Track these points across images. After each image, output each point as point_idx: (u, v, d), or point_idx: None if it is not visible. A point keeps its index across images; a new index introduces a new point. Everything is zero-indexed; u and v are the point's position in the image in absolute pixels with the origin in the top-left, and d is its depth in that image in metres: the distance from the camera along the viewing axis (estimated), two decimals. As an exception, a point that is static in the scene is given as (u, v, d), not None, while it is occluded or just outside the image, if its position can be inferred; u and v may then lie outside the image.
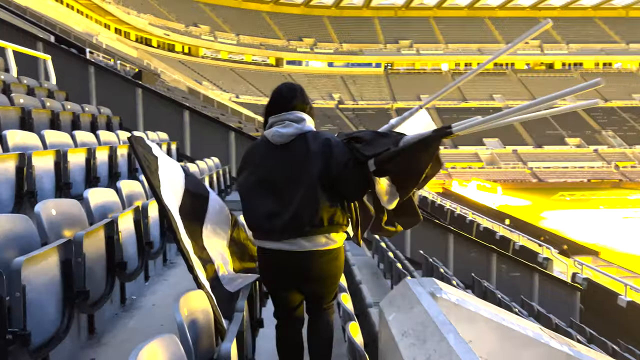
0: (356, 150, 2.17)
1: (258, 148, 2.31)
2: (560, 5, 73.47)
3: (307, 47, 68.88)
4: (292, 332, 2.36)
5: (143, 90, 7.84)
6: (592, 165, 52.37)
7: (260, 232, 2.24)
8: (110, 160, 4.14)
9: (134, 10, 52.57)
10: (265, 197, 2.19)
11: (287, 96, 2.30)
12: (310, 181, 2.13)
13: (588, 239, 25.72)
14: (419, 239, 7.94)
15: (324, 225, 2.14)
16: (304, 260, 2.16)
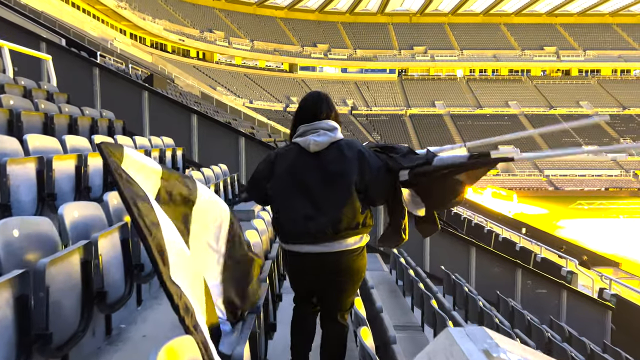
0: (392, 159, 2.32)
1: (290, 154, 2.36)
2: (577, 11, 72.56)
3: (321, 53, 68.81)
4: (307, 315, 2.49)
5: (150, 93, 7.54)
6: (610, 173, 51.38)
7: (293, 235, 2.31)
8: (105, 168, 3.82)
9: (150, 16, 52.95)
10: (300, 201, 2.27)
11: (317, 105, 2.40)
12: (348, 187, 2.25)
13: (607, 250, 25.00)
14: (439, 252, 7.53)
15: (358, 227, 2.27)
16: (336, 259, 2.27)
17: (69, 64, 7.38)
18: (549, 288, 7.78)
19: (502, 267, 7.63)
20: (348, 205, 2.25)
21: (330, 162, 2.28)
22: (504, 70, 70.19)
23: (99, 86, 7.34)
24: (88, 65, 7.53)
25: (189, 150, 7.47)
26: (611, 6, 70.69)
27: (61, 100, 5.52)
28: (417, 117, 61.00)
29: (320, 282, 2.36)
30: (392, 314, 3.80)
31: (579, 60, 68.95)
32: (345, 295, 2.43)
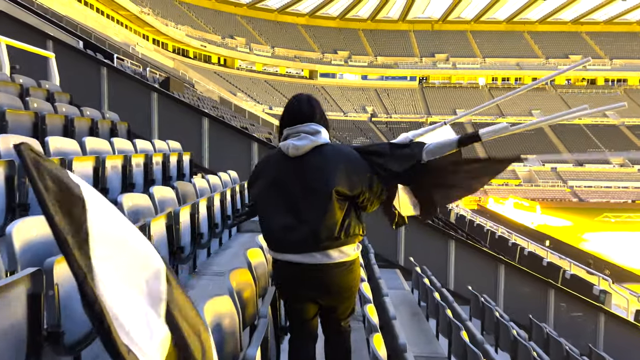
0: (379, 166, 2.16)
1: (273, 160, 2.26)
2: (604, 20, 71.14)
3: (341, 59, 68.67)
4: (305, 346, 2.34)
5: (159, 95, 7.22)
6: (637, 185, 49.90)
7: (276, 245, 2.22)
8: (95, 173, 3.39)
9: (172, 22, 53.48)
10: (280, 210, 2.17)
11: (300, 108, 2.26)
12: (327, 194, 2.10)
13: (635, 264, 24.06)
14: (465, 269, 7.03)
15: (340, 238, 2.13)
16: (319, 273, 2.15)
17: (76, 62, 7.11)
18: (584, 311, 7.20)
19: (533, 287, 7.08)
20: (328, 214, 2.10)
21: (311, 168, 2.14)
22: (527, 79, 69.04)
23: (107, 87, 7.04)
24: (96, 65, 7.23)
25: (198, 155, 7.12)
26: (639, 14, 69.12)
27: (63, 99, 5.26)
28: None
29: (307, 293, 2.24)
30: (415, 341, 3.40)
31: (605, 70, 67.48)
32: (339, 307, 2.28)
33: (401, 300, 4.73)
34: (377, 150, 2.21)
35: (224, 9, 67.19)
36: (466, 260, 7.04)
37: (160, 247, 2.70)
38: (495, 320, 4.47)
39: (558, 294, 7.16)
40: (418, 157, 2.10)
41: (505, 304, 6.93)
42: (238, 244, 4.73)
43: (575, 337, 6.79)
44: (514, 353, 3.98)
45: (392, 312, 2.74)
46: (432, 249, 7.01)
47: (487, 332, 4.87)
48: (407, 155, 2.14)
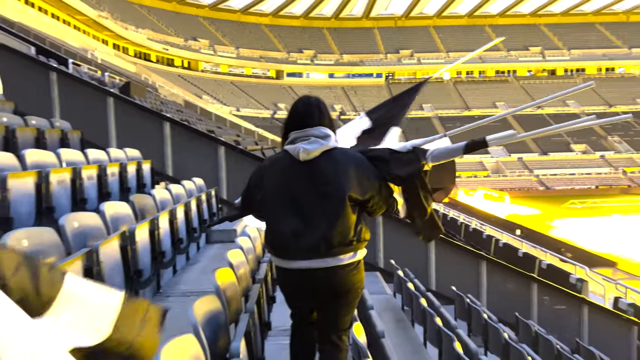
0: (384, 171, 2.18)
1: (279, 163, 2.20)
2: (561, 11, 73.02)
3: (307, 58, 68.44)
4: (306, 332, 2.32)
5: (116, 100, 6.76)
6: (599, 171, 51.42)
7: (284, 252, 2.15)
8: (37, 190, 2.94)
9: (132, 26, 52.14)
10: (290, 215, 2.11)
11: (307, 111, 2.22)
12: (340, 199, 2.08)
13: (602, 249, 24.66)
14: (446, 268, 6.84)
15: (353, 243, 2.11)
16: (329, 276, 2.11)
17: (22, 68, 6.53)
18: (567, 303, 7.13)
19: (516, 282, 6.95)
20: (341, 220, 2.06)
21: (322, 173, 2.10)
22: (490, 71, 70.33)
23: (57, 93, 6.52)
24: (44, 70, 6.65)
25: (161, 162, 6.67)
26: (594, 5, 71.24)
27: (6, 109, 4.76)
28: (405, 121, 60.62)
29: (314, 300, 2.20)
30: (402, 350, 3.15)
31: (564, 60, 69.32)
32: (342, 314, 2.22)
33: (384, 306, 4.49)
34: (378, 155, 2.21)
35: (186, 10, 66.00)
36: (447, 259, 6.86)
37: (114, 274, 2.37)
38: (484, 322, 4.29)
39: (540, 287, 7.06)
40: (422, 162, 2.16)
41: (489, 302, 6.77)
42: (207, 257, 4.39)
43: (560, 330, 6.72)
44: (506, 357, 3.80)
45: (379, 328, 2.49)
46: (412, 248, 6.82)
47: (474, 334, 4.69)
48: (412, 160, 2.17)
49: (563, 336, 6.40)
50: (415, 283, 4.31)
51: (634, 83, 66.40)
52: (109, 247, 2.36)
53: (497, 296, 6.87)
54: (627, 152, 53.89)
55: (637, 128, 57.60)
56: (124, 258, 2.51)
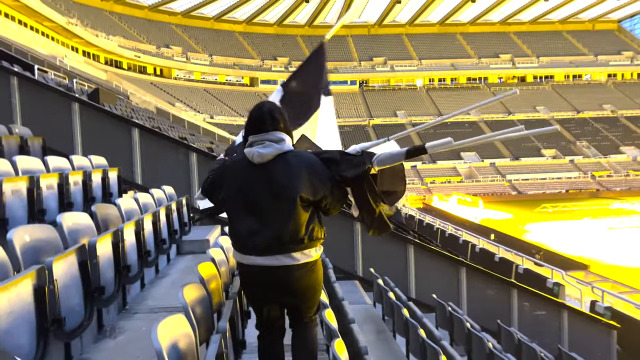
0: (335, 172, 2.29)
1: (237, 166, 2.31)
2: (529, 20, 74.86)
3: (281, 66, 68.35)
4: (273, 342, 2.41)
5: (81, 106, 6.44)
6: (569, 175, 52.52)
7: (242, 248, 2.27)
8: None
9: (103, 33, 51.18)
10: (245, 215, 2.23)
11: (265, 116, 2.30)
12: (291, 200, 2.19)
13: (575, 252, 25.07)
14: (425, 274, 6.72)
15: (304, 242, 2.22)
16: (284, 275, 2.22)
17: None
18: (547, 308, 7.09)
19: (496, 288, 6.87)
20: (292, 219, 2.20)
21: (276, 175, 2.22)
22: (462, 78, 71.47)
23: (19, 99, 6.16)
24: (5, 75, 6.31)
25: (129, 170, 6.37)
26: (560, 14, 73.26)
27: (-40, 115, 4.51)
28: (380, 127, 61.10)
29: (272, 298, 2.31)
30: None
31: (533, 67, 70.95)
32: (304, 308, 2.36)
33: (364, 317, 4.32)
34: (331, 158, 2.32)
35: (158, 18, 65.22)
36: (426, 265, 6.74)
37: (71, 292, 2.14)
38: (467, 331, 4.17)
39: (520, 293, 7.00)
40: (368, 165, 2.30)
41: (470, 309, 6.67)
42: (178, 270, 4.14)
43: (540, 336, 6.65)
44: (491, 368, 3.70)
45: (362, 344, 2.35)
46: (391, 255, 6.69)
47: (456, 343, 4.57)
48: (358, 163, 2.30)
49: (544, 342, 6.34)
50: (396, 292, 4.17)
51: (600, 89, 68.36)
52: (65, 262, 2.13)
53: (478, 303, 6.78)
54: (595, 157, 55.27)
55: (604, 133, 59.21)
56: (83, 274, 2.28)
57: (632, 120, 61.36)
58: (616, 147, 56.56)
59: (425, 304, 6.06)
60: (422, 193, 48.81)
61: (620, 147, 56.50)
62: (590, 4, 69.84)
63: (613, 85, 69.31)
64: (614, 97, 66.11)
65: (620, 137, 58.15)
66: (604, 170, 53.05)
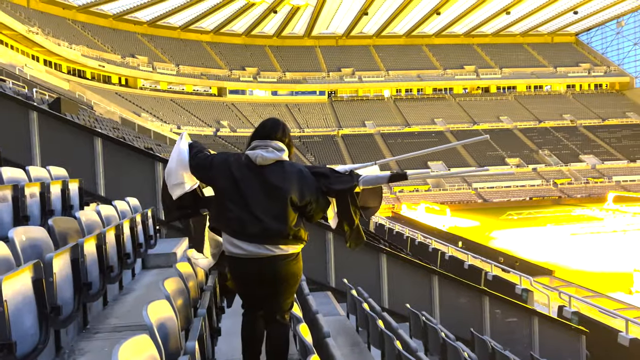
0: (324, 184, 2.61)
1: (238, 163, 2.57)
2: (492, 32, 76.97)
3: (250, 76, 68.09)
4: (256, 320, 2.68)
5: (40, 115, 6.13)
6: (533, 183, 53.91)
7: (233, 232, 2.53)
8: None
9: (65, 42, 49.91)
10: (238, 205, 2.50)
11: (272, 128, 2.66)
12: (283, 200, 2.49)
13: (540, 258, 25.62)
14: (398, 283, 6.67)
15: (289, 238, 2.51)
16: (268, 263, 2.50)
17: None
18: (518, 315, 7.15)
19: (468, 296, 6.88)
20: (280, 216, 2.48)
21: (272, 176, 2.52)
22: (428, 89, 72.78)
23: (-30, 108, 5.87)
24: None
25: (92, 181, 6.10)
26: (521, 27, 75.64)
27: None
28: (349, 137, 61.46)
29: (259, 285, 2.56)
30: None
31: (497, 78, 72.87)
32: (284, 298, 2.62)
33: (337, 329, 4.21)
34: (322, 172, 2.66)
35: (123, 27, 64.12)
36: (399, 275, 6.69)
37: (23, 314, 1.96)
38: (442, 341, 4.13)
39: (492, 300, 7.04)
40: (355, 183, 2.62)
41: (443, 317, 6.64)
42: (143, 285, 3.95)
43: (512, 343, 6.68)
44: (467, 378, 3.66)
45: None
46: (364, 265, 6.62)
47: (431, 353, 4.52)
48: (347, 180, 2.64)
49: (516, 349, 6.37)
50: (369, 303, 4.09)
51: (560, 100, 70.74)
52: (17, 281, 1.96)
53: (451, 311, 6.77)
54: (557, 165, 56.96)
55: (564, 142, 61.15)
56: (37, 293, 2.11)
57: (590, 130, 63.64)
58: (576, 156, 58.47)
59: (399, 314, 6.00)
60: (391, 202, 49.23)
61: (579, 156, 58.43)
62: (549, 18, 72.36)
63: (572, 96, 71.83)
64: (573, 107, 68.51)
65: (580, 146, 60.18)
66: (565, 178, 54.71)
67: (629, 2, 66.76)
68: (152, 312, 1.84)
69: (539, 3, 66.19)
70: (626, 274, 21.03)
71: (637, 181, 53.02)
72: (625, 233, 31.19)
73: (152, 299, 2.06)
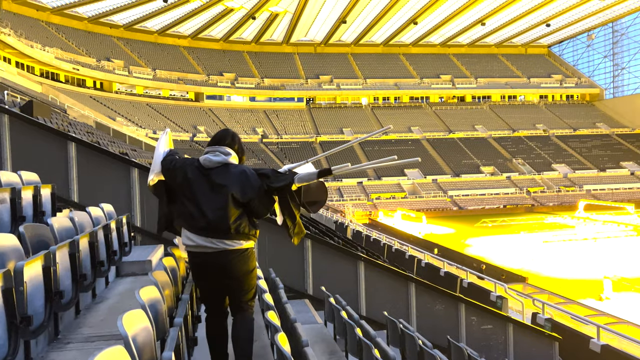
0: (266, 183, 2.91)
1: (191, 166, 2.91)
2: (467, 43, 78.41)
3: (227, 81, 67.77)
4: (217, 322, 2.90)
5: (11, 118, 5.92)
6: (507, 191, 54.82)
7: (186, 226, 2.85)
8: None
9: (39, 44, 48.86)
10: (189, 201, 2.83)
11: (221, 136, 3.01)
12: (225, 197, 2.80)
13: (513, 265, 25.99)
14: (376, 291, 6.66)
15: (231, 232, 2.79)
16: (219, 257, 2.78)
17: None
18: (493, 322, 7.22)
19: (445, 304, 6.93)
20: (221, 212, 2.78)
21: (217, 177, 2.84)
22: (405, 97, 73.61)
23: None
24: None
25: (65, 187, 5.94)
26: (496, 38, 77.26)
27: None
28: (327, 144, 61.64)
29: (212, 278, 2.82)
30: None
31: (472, 88, 74.16)
32: (242, 291, 2.85)
33: (315, 337, 4.18)
34: (265, 173, 2.96)
35: (99, 30, 63.18)
36: (376, 282, 6.69)
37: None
38: (419, 349, 4.14)
39: (468, 307, 7.10)
40: (291, 181, 2.90)
41: (420, 325, 6.66)
42: (117, 294, 3.86)
43: (488, 350, 6.75)
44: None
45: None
46: (341, 273, 6.60)
47: (408, 361, 4.56)
48: (285, 178, 2.93)
49: (491, 356, 6.43)
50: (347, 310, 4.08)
51: (533, 109, 72.36)
52: (-15, 291, 1.90)
53: (428, 318, 6.79)
54: (530, 174, 58.11)
55: (537, 151, 62.47)
56: (7, 303, 2.03)
57: (562, 139, 65.21)
58: (548, 165, 59.78)
59: (376, 321, 5.99)
60: (368, 209, 49.46)
61: (552, 165, 59.76)
62: (523, 30, 74.09)
63: (544, 106, 73.56)
64: (546, 117, 70.16)
65: (552, 155, 61.57)
66: (538, 187, 55.83)
67: (599, 16, 68.86)
68: (127, 322, 1.79)
69: (513, 15, 67.71)
70: (596, 280, 21.49)
71: (607, 190, 54.44)
72: (596, 241, 31.92)
73: (126, 308, 2.02)
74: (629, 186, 55.46)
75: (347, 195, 51.91)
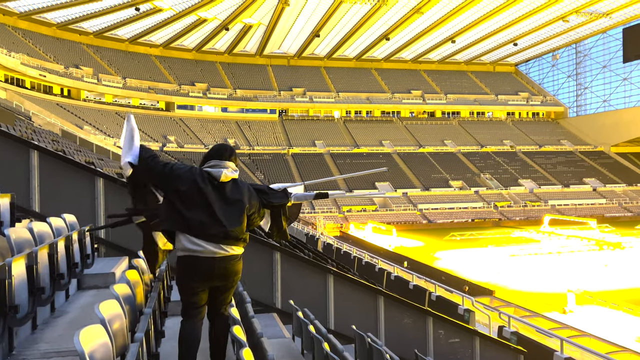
0: (264, 199, 3.32)
1: (202, 177, 3.08)
2: (437, 59, 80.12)
3: (199, 92, 67.26)
4: (197, 325, 3.08)
5: None
6: (475, 205, 55.81)
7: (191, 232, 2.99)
8: None
9: (4, 49, 47.56)
10: (199, 210, 3.01)
11: (227, 151, 3.22)
12: (241, 209, 3.11)
13: (481, 278, 26.38)
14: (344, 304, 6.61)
15: (239, 239, 3.08)
16: (223, 261, 3.04)
17: None
18: (460, 336, 7.27)
19: (413, 317, 6.94)
20: (238, 223, 3.06)
21: (230, 191, 3.09)
22: (377, 111, 74.49)
23: None
24: None
25: (26, 197, 5.70)
26: (465, 56, 79.19)
27: None
28: (299, 156, 61.68)
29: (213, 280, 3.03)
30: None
31: (442, 103, 75.64)
32: (228, 293, 3.16)
33: (283, 352, 4.11)
34: (261, 189, 3.32)
35: (68, 37, 61.93)
36: (346, 295, 6.65)
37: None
38: (386, 363, 4.14)
39: (435, 321, 7.14)
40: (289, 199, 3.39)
41: (387, 338, 6.65)
42: (77, 307, 3.72)
43: (454, 363, 6.80)
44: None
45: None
46: (311, 286, 6.55)
47: (376, 376, 4.54)
48: (283, 197, 3.38)
49: (457, 369, 6.49)
50: (315, 325, 4.04)
51: (500, 126, 74.22)
52: None
53: (396, 332, 6.79)
54: (497, 189, 59.37)
55: (504, 167, 63.95)
56: (-44, 318, 1.94)
57: (528, 155, 66.98)
58: (515, 180, 61.22)
59: (345, 335, 5.95)
60: (340, 221, 49.55)
61: (518, 180, 61.23)
62: (491, 48, 76.17)
63: (511, 122, 75.54)
64: (513, 134, 72.03)
65: (519, 171, 63.12)
66: (505, 201, 57.04)
67: (563, 37, 71.44)
68: (84, 338, 1.73)
69: (482, 33, 69.58)
70: (560, 294, 22.00)
71: (570, 205, 56.05)
72: (560, 255, 32.73)
73: (86, 322, 1.95)
74: (592, 202, 57.28)
75: (319, 208, 51.91)
